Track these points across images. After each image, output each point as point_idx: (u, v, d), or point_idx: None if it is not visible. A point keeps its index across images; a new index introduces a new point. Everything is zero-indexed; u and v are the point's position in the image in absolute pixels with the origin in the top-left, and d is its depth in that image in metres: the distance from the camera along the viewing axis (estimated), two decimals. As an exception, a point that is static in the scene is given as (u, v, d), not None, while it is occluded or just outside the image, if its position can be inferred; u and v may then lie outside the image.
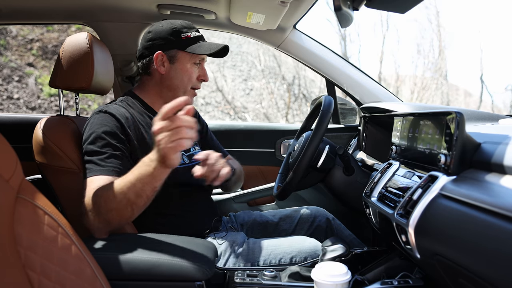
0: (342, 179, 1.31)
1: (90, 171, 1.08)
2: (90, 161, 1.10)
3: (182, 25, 1.28)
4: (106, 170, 1.07)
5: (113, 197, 0.96)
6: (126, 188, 0.95)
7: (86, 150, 1.12)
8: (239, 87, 9.29)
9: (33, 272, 0.63)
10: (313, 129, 1.23)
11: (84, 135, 1.17)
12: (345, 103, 2.12)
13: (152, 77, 1.31)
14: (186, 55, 1.28)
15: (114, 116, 1.17)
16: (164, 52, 1.26)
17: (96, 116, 1.18)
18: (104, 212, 0.98)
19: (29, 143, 1.24)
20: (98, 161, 1.09)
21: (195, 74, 1.31)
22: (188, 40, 1.27)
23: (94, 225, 0.99)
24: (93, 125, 1.16)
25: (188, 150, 1.37)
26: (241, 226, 1.52)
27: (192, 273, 0.89)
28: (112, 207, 0.97)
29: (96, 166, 1.08)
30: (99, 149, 1.11)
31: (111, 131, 1.14)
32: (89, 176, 1.07)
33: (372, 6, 0.86)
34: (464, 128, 0.79)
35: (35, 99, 6.82)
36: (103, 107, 1.21)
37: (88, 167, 1.09)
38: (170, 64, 1.28)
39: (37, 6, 1.72)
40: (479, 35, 15.90)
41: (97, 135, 1.13)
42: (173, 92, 1.31)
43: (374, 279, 1.02)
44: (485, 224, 0.64)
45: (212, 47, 1.27)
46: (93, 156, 1.10)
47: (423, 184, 0.85)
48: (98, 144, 1.12)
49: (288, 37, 1.88)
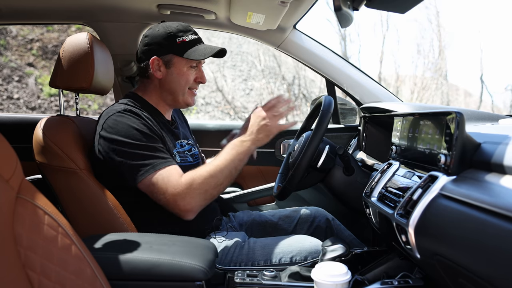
0: (342, 179, 1.31)
1: (156, 164, 1.13)
2: (145, 155, 1.13)
3: (177, 29, 1.28)
4: (170, 161, 1.17)
5: (220, 174, 1.15)
6: (228, 165, 1.17)
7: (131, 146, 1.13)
8: (239, 87, 9.29)
9: (33, 272, 0.63)
10: (313, 129, 1.23)
11: (111, 134, 1.15)
12: (345, 103, 2.12)
13: (151, 81, 1.32)
14: (182, 60, 1.28)
15: (140, 115, 1.19)
16: (160, 57, 1.27)
17: (122, 115, 1.17)
18: (212, 189, 1.15)
19: (29, 143, 1.24)
20: (158, 153, 1.16)
21: (192, 76, 1.32)
22: (183, 44, 1.27)
23: (196, 205, 1.14)
24: (125, 123, 1.16)
25: (190, 149, 1.38)
26: (240, 226, 1.52)
27: (192, 273, 0.89)
28: (219, 182, 1.16)
29: (158, 159, 1.14)
30: (149, 144, 1.15)
31: (146, 127, 1.18)
32: (160, 167, 1.13)
33: (372, 6, 0.86)
34: (464, 128, 0.79)
35: (35, 99, 6.82)
36: (124, 107, 1.20)
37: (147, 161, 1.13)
38: (167, 69, 1.29)
39: (37, 6, 1.72)
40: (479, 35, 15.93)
41: (138, 132, 1.15)
42: (172, 95, 1.32)
43: (374, 279, 1.02)
44: (485, 224, 0.64)
45: (206, 51, 1.28)
46: (148, 150, 1.14)
47: (423, 184, 0.85)
48: (144, 139, 1.15)
49: (288, 37, 1.88)
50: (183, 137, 1.41)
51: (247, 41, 9.79)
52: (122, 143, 1.14)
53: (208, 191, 1.15)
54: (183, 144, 1.36)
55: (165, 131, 1.29)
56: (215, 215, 1.38)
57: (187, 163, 1.31)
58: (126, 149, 1.13)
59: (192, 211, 1.14)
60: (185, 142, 1.38)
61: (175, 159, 1.25)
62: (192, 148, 1.40)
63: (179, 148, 1.32)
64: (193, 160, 1.36)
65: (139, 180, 1.13)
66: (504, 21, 17.62)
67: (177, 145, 1.32)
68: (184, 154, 1.33)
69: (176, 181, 1.13)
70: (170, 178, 1.13)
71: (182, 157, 1.30)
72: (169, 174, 1.13)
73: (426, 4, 9.81)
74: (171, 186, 1.12)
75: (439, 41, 9.97)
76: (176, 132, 1.36)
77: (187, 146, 1.37)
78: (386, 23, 11.01)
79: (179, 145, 1.33)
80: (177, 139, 1.35)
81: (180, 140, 1.36)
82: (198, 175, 1.15)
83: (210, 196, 1.16)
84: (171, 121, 1.39)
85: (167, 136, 1.28)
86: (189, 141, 1.42)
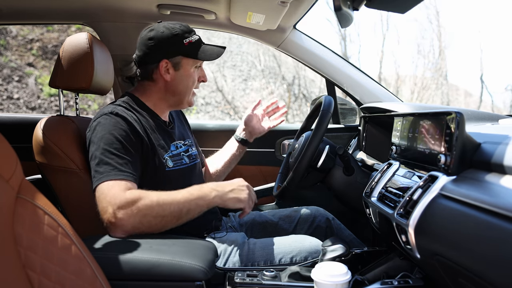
0: (342, 179, 1.31)
1: (111, 174, 1.07)
2: (107, 163, 1.09)
3: (182, 30, 1.27)
4: (128, 175, 1.09)
5: (168, 208, 1.04)
6: (182, 203, 1.06)
7: (101, 151, 1.11)
8: (239, 87, 9.29)
9: (33, 272, 0.63)
10: (313, 129, 1.23)
11: (93, 136, 1.15)
12: (345, 103, 2.12)
13: (155, 83, 1.30)
14: (189, 61, 1.28)
15: (126, 119, 1.17)
16: (169, 60, 1.26)
17: (107, 118, 1.16)
18: (152, 217, 1.03)
19: (29, 143, 1.24)
20: (118, 165, 1.09)
21: (197, 76, 1.33)
22: (191, 45, 1.27)
23: (128, 223, 1.01)
24: (106, 126, 1.14)
25: (187, 150, 1.37)
26: (240, 226, 1.52)
27: (192, 273, 0.89)
28: (162, 214, 1.04)
29: (115, 170, 1.08)
30: (117, 152, 1.11)
31: (125, 134, 1.14)
32: (112, 178, 1.06)
33: (372, 6, 0.86)
34: (464, 128, 0.79)
35: (35, 99, 6.82)
36: (112, 109, 1.19)
37: (104, 170, 1.08)
38: (175, 71, 1.28)
39: (37, 6, 1.72)
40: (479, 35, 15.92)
41: (113, 138, 1.12)
42: (178, 96, 1.32)
43: (374, 279, 1.02)
44: (485, 224, 0.64)
45: (215, 51, 1.30)
46: (111, 159, 1.09)
47: (423, 184, 0.85)
48: (115, 146, 1.11)
49: (288, 37, 1.88)
50: (180, 138, 1.39)
51: (247, 41, 9.79)
52: (96, 146, 1.12)
53: (147, 217, 1.03)
54: (179, 145, 1.35)
55: (159, 133, 1.27)
56: (215, 215, 1.38)
57: (182, 166, 1.30)
58: (97, 153, 1.11)
59: (121, 228, 1.02)
60: (181, 143, 1.37)
61: (166, 164, 1.23)
62: (189, 149, 1.38)
63: (174, 150, 1.31)
64: (189, 162, 1.34)
65: (94, 185, 1.09)
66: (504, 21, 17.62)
67: (171, 147, 1.30)
68: (179, 156, 1.31)
69: (118, 193, 1.04)
70: (115, 189, 1.05)
71: (175, 160, 1.28)
72: (115, 185, 1.06)
73: (426, 4, 9.83)
74: (112, 195, 1.03)
75: (439, 41, 9.98)
76: (172, 133, 1.35)
77: (183, 147, 1.36)
78: (386, 23, 11.03)
79: (174, 147, 1.32)
80: (172, 140, 1.33)
81: (176, 142, 1.34)
82: (146, 196, 1.05)
83: (147, 223, 1.03)
84: (167, 121, 1.38)
85: (159, 139, 1.26)
86: (186, 141, 1.40)
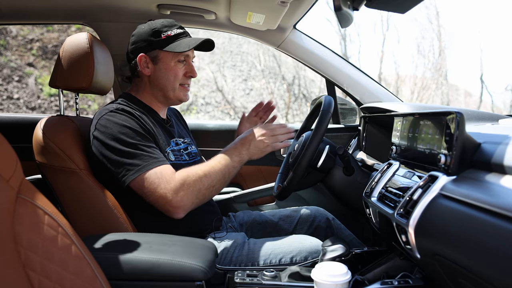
0: (342, 179, 1.31)
1: (150, 162, 1.11)
2: (139, 154, 1.12)
3: (162, 24, 1.29)
4: (163, 160, 1.15)
5: (215, 176, 1.16)
6: (222, 169, 1.18)
7: (126, 144, 1.13)
8: (239, 87, 9.29)
9: (33, 272, 0.63)
10: (313, 129, 1.23)
11: (105, 133, 1.15)
12: (345, 103, 2.12)
13: (141, 79, 1.33)
14: (168, 54, 1.29)
15: (133, 114, 1.19)
16: (146, 54, 1.28)
17: (115, 114, 1.17)
18: (205, 189, 1.15)
19: (29, 143, 1.24)
20: (150, 153, 1.14)
21: (181, 71, 1.32)
22: (168, 39, 1.27)
23: (187, 203, 1.12)
24: (117, 121, 1.15)
25: (186, 148, 1.38)
26: (240, 226, 1.52)
27: (192, 273, 0.89)
28: (212, 184, 1.16)
29: (151, 159, 1.13)
30: (143, 142, 1.15)
31: (139, 126, 1.17)
32: (153, 167, 1.11)
33: (372, 6, 0.86)
34: (464, 128, 0.79)
35: (35, 99, 6.82)
36: (116, 106, 1.20)
37: (140, 160, 1.11)
38: (154, 65, 1.29)
39: (37, 6, 1.72)
40: (479, 35, 15.92)
41: (131, 131, 1.14)
42: (162, 91, 1.33)
43: (374, 279, 1.02)
44: (485, 224, 0.64)
45: (191, 43, 1.28)
46: (141, 150, 1.13)
47: (423, 184, 0.85)
48: (137, 138, 1.14)
49: (288, 37, 1.88)
50: (179, 135, 1.40)
51: (247, 41, 9.79)
52: (114, 142, 1.13)
53: (201, 191, 1.14)
54: (179, 142, 1.36)
55: (159, 129, 1.29)
56: (215, 215, 1.38)
57: (182, 161, 1.31)
58: (119, 147, 1.13)
59: (183, 208, 1.12)
60: (181, 141, 1.38)
61: (168, 157, 1.25)
62: (188, 147, 1.40)
63: (174, 146, 1.32)
64: (189, 159, 1.36)
65: (130, 179, 1.11)
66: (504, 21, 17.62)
67: (171, 143, 1.32)
68: (180, 152, 1.32)
69: (169, 177, 1.12)
70: (164, 174, 1.11)
71: (176, 155, 1.30)
72: (162, 171, 1.12)
73: (426, 4, 9.83)
74: (164, 181, 1.11)
75: (439, 41, 9.98)
76: (171, 131, 1.37)
77: (183, 144, 1.37)
78: (386, 23, 11.04)
79: (174, 143, 1.33)
80: (172, 137, 1.34)
81: (175, 139, 1.36)
82: (193, 172, 1.14)
83: (202, 196, 1.15)
84: (166, 119, 1.40)
85: (160, 134, 1.28)
86: (185, 139, 1.42)
